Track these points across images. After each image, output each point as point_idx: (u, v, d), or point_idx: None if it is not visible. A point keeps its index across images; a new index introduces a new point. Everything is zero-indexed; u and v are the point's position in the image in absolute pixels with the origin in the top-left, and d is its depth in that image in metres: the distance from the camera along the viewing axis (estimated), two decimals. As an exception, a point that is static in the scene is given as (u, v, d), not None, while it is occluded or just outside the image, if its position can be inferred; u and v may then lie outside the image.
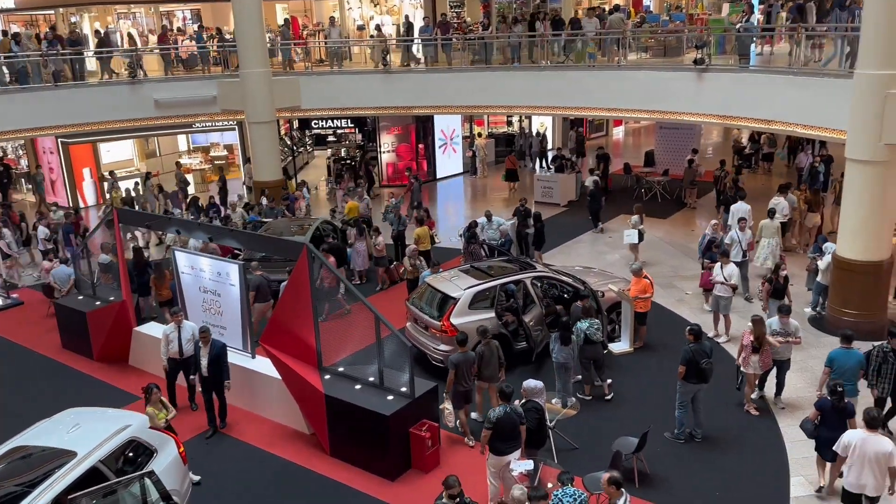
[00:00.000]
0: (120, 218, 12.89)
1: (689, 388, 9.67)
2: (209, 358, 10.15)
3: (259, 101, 19.71)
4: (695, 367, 9.51)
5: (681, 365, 9.56)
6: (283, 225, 16.47)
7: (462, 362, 9.75)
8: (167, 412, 9.24)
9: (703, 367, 9.52)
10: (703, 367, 9.52)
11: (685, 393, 9.73)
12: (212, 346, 10.21)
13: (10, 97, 18.38)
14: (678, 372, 9.60)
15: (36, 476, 7.07)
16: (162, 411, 9.16)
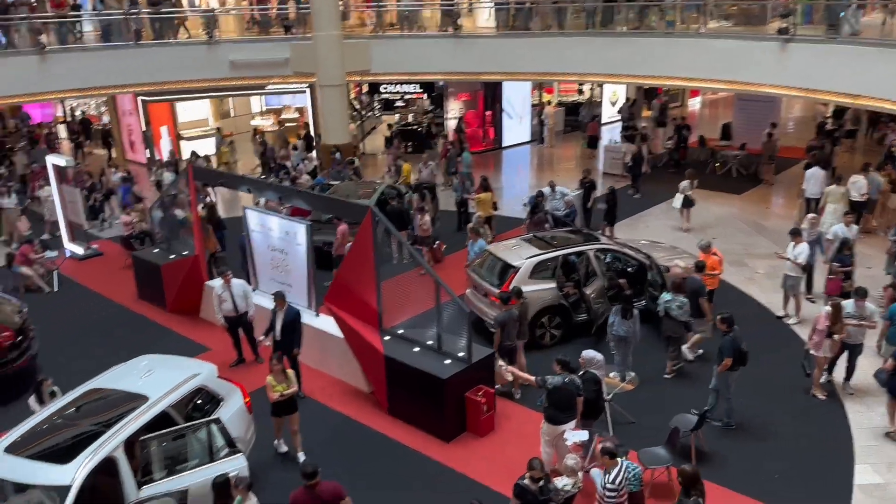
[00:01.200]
0: (195, 175, 13.30)
1: (733, 375, 9.43)
2: (283, 322, 10.24)
3: (330, 64, 19.84)
4: (738, 354, 9.30)
5: (727, 357, 9.23)
6: (349, 188, 16.69)
7: (507, 320, 10.09)
8: (285, 385, 8.78)
9: (745, 352, 9.31)
10: (744, 352, 9.30)
11: (728, 381, 9.47)
12: (287, 310, 10.30)
13: (95, 55, 19.03)
14: (723, 364, 9.28)
15: (110, 417, 7.47)
16: (281, 384, 8.75)
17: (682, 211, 16.80)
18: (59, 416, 7.63)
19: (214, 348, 12.02)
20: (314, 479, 6.78)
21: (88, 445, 6.93)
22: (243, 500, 6.69)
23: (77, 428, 7.43)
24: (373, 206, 10.40)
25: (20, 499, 6.81)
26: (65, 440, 7.25)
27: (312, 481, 6.77)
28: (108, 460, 6.92)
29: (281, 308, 10.27)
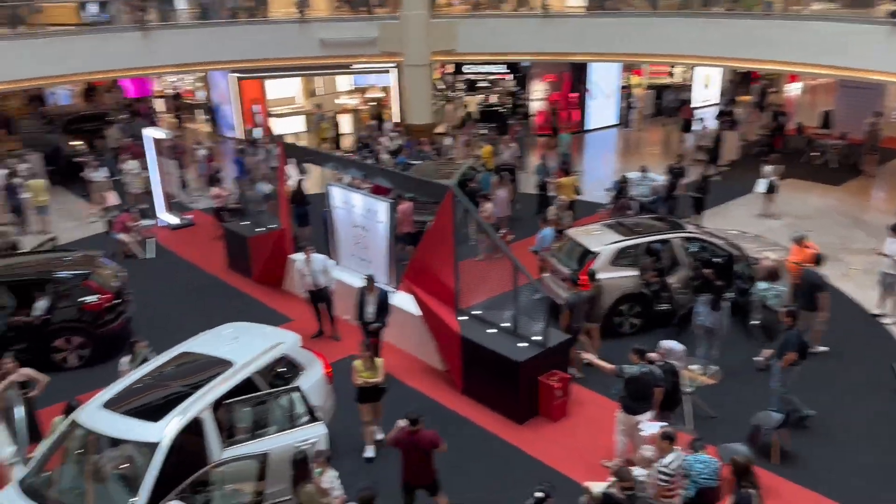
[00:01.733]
0: (285, 151, 13.65)
1: (795, 370, 9.04)
2: (377, 305, 10.35)
3: (416, 43, 19.94)
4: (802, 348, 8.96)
5: (792, 352, 8.85)
6: (430, 167, 16.77)
7: (577, 302, 10.14)
8: (372, 374, 8.66)
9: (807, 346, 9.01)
10: (806, 346, 8.99)
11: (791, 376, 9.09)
12: (378, 294, 10.41)
13: (193, 32, 19.75)
14: (786, 359, 8.88)
15: (198, 380, 7.81)
16: (368, 370, 8.66)
17: (766, 197, 16.41)
18: (152, 377, 8.05)
19: (297, 319, 12.39)
20: (416, 426, 7.23)
21: (178, 405, 7.28)
22: (323, 471, 6.89)
23: (168, 389, 7.81)
24: (454, 185, 10.42)
25: (114, 452, 7.24)
26: (156, 399, 7.63)
27: (415, 427, 7.22)
28: (196, 421, 7.25)
29: (371, 292, 10.34)
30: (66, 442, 7.32)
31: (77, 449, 7.28)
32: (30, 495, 6.86)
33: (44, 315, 10.96)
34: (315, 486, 6.72)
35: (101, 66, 18.77)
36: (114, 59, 18.62)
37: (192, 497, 6.67)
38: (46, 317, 10.96)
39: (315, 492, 6.70)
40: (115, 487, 6.95)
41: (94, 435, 7.20)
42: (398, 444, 7.39)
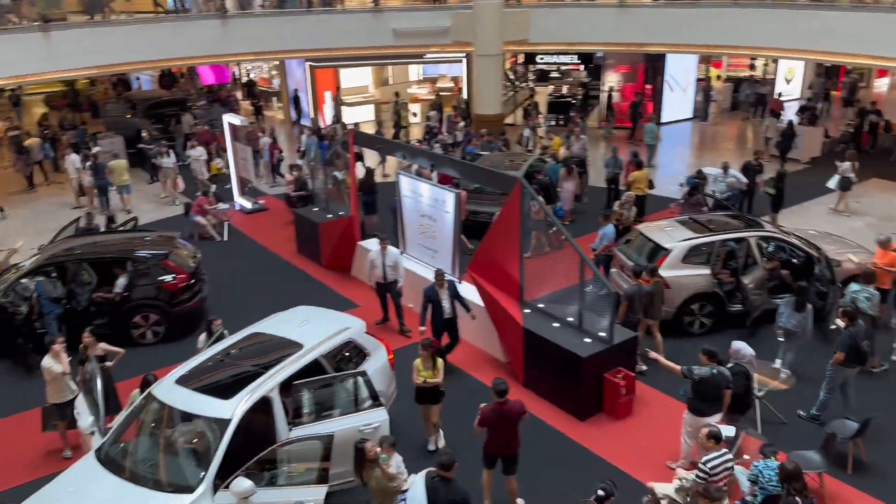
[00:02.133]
0: (355, 139, 13.82)
1: (845, 372, 8.76)
2: (450, 301, 10.24)
3: (488, 33, 19.84)
4: (855, 352, 8.62)
5: (840, 352, 8.60)
6: (498, 158, 16.71)
7: (635, 294, 10.06)
8: (431, 374, 8.44)
9: (865, 350, 8.65)
10: (864, 351, 8.63)
11: (837, 378, 8.85)
12: (448, 286, 10.28)
13: (270, 20, 20.18)
14: (835, 359, 8.66)
15: (268, 360, 8.01)
16: (427, 370, 8.44)
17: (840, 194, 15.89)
18: (224, 356, 8.30)
19: (363, 305, 12.56)
20: (504, 398, 7.31)
21: (248, 384, 7.47)
22: (388, 457, 7.00)
23: (239, 367, 8.04)
24: (521, 177, 10.34)
25: (186, 427, 7.51)
26: (227, 377, 7.86)
27: (503, 399, 7.31)
28: (265, 400, 7.45)
29: (442, 286, 10.20)
30: (142, 414, 7.63)
31: (152, 422, 7.58)
32: (106, 464, 7.18)
33: (124, 292, 11.45)
34: (381, 470, 6.82)
35: (181, 53, 19.39)
36: (193, 47, 19.19)
37: (259, 474, 6.85)
38: (126, 294, 11.45)
39: (382, 475, 6.80)
40: (186, 461, 7.20)
41: (168, 409, 7.48)
42: (486, 421, 7.37)
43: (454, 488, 6.40)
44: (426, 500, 6.34)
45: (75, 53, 17.16)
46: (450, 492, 6.35)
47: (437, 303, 10.13)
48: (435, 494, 6.34)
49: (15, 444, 9.28)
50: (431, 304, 10.16)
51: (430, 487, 6.39)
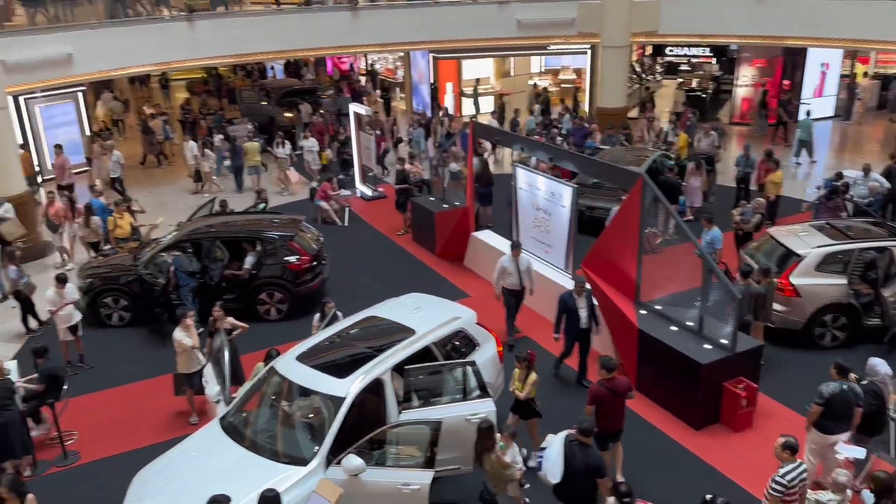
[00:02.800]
0: (474, 130, 13.89)
1: None
2: (588, 310, 9.70)
3: (616, 24, 19.35)
4: None
5: None
6: (619, 153, 16.30)
7: (744, 294, 9.66)
8: (524, 385, 8.10)
9: None
10: None
11: None
12: (587, 296, 9.78)
13: (397, 11, 20.58)
14: None
15: (382, 343, 8.23)
16: (521, 381, 8.16)
17: None
18: (341, 336, 8.60)
19: (474, 295, 12.65)
20: (612, 373, 7.57)
21: (362, 365, 7.71)
22: (506, 447, 7.03)
23: (354, 348, 8.31)
24: (643, 173, 10.04)
25: (303, 402, 7.85)
26: (344, 357, 8.15)
27: (611, 374, 7.56)
28: (377, 382, 7.66)
29: (580, 294, 9.70)
30: (264, 387, 8.04)
31: (272, 394, 7.97)
32: (228, 432, 7.63)
33: (252, 270, 12.09)
34: (497, 457, 6.88)
35: (312, 44, 20.09)
36: (324, 37, 19.85)
37: (369, 453, 7.06)
38: (254, 272, 12.08)
39: (497, 462, 6.86)
40: (302, 434, 7.53)
41: (288, 383, 7.84)
42: (597, 398, 7.53)
43: (591, 454, 6.63)
44: (562, 462, 6.55)
45: (215, 42, 18.19)
46: (587, 457, 6.58)
47: (574, 311, 9.64)
48: (572, 458, 6.57)
49: (148, 406, 10.04)
50: (567, 313, 9.68)
51: (568, 451, 6.60)
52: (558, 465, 6.59)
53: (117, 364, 11.02)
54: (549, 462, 6.66)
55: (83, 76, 17.10)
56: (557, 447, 6.69)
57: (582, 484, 6.61)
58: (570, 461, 6.58)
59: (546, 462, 6.72)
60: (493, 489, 7.02)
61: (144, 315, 11.84)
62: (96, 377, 10.71)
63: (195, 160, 18.59)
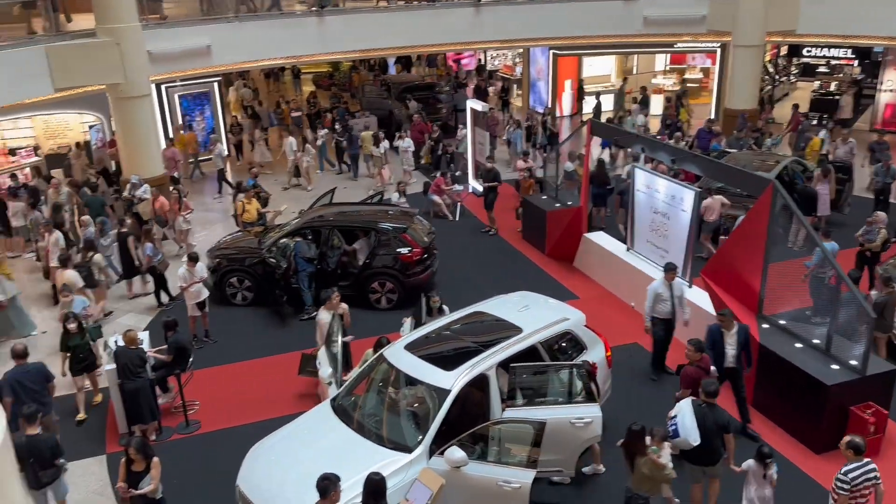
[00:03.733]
0: (592, 130, 13.64)
1: None
2: (737, 347, 8.60)
3: (751, 22, 18.42)
4: None
5: None
6: (746, 157, 15.52)
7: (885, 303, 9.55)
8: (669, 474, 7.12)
9: None
10: None
11: None
12: (738, 330, 8.64)
13: (518, 7, 20.46)
14: None
15: (488, 339, 8.25)
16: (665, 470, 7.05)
17: None
18: (449, 329, 8.69)
19: (583, 297, 12.44)
20: (699, 355, 8.08)
21: (468, 360, 7.76)
22: (659, 449, 6.94)
23: (460, 342, 8.38)
24: (773, 179, 9.51)
25: (410, 390, 8.00)
26: (450, 350, 8.24)
27: (698, 356, 8.08)
28: (482, 377, 7.69)
29: (730, 328, 8.65)
30: (373, 373, 8.25)
31: (380, 381, 8.17)
32: (338, 413, 7.89)
33: (366, 259, 12.44)
34: (653, 461, 6.90)
35: (435, 40, 20.30)
36: (446, 33, 20.03)
37: (471, 447, 7.10)
38: (368, 261, 12.42)
39: (654, 465, 6.89)
40: (406, 422, 7.67)
41: (395, 371, 8.00)
42: (690, 379, 8.00)
43: (719, 412, 7.27)
44: (696, 423, 7.06)
45: (342, 37, 18.79)
46: (717, 416, 7.22)
47: (721, 347, 8.68)
48: (704, 418, 7.12)
49: (265, 382, 10.55)
50: (714, 348, 8.71)
51: (699, 412, 7.15)
52: (695, 427, 7.06)
53: (239, 341, 11.65)
54: (685, 427, 7.08)
55: (220, 67, 18.13)
56: (688, 413, 7.14)
57: (714, 442, 7.19)
58: (702, 422, 7.09)
59: (682, 428, 7.10)
60: (644, 492, 7.06)
61: (265, 296, 12.43)
62: (219, 352, 11.36)
63: (294, 156, 18.95)
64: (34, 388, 8.36)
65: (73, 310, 9.95)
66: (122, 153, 16.42)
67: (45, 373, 8.62)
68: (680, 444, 7.11)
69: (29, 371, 8.51)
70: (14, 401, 8.09)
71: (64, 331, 9.55)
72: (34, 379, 8.46)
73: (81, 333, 9.60)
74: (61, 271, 11.38)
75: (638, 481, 7.05)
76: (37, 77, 14.00)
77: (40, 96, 14.76)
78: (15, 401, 8.09)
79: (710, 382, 7.38)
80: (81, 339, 9.59)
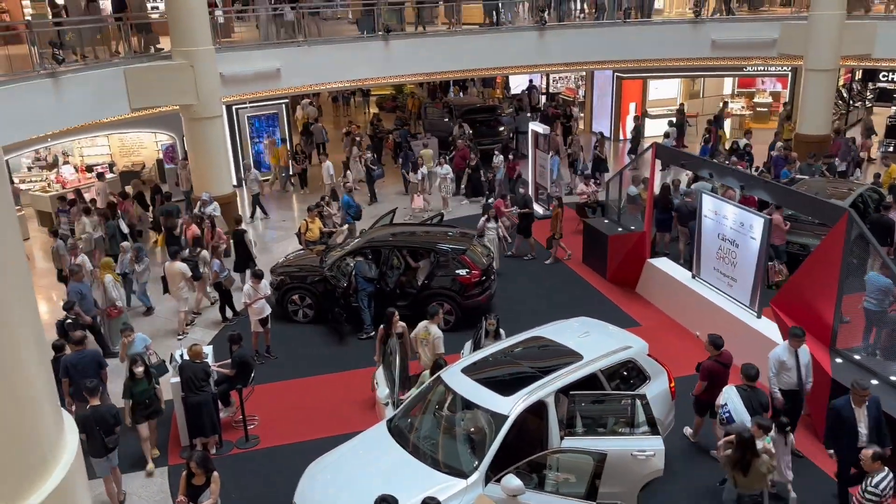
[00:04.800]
0: (657, 154, 13.41)
1: None
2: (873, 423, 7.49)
3: (823, 46, 17.91)
4: None
5: None
6: (819, 184, 14.98)
7: None
8: None
9: None
10: None
11: None
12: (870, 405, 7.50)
13: (584, 32, 20.41)
14: None
15: (547, 365, 8.11)
16: None
17: None
18: (507, 354, 8.60)
19: (645, 325, 12.16)
20: (720, 349, 8.65)
21: (526, 385, 7.65)
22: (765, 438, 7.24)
23: (518, 367, 8.27)
24: (848, 207, 9.14)
25: (466, 415, 7.91)
26: (507, 375, 8.14)
27: (719, 350, 8.66)
28: (540, 403, 7.56)
29: (861, 404, 7.47)
30: (430, 395, 8.21)
31: (437, 403, 8.12)
32: (394, 434, 7.87)
33: (425, 279, 12.46)
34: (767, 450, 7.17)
35: (500, 63, 20.38)
36: (512, 56, 20.11)
37: (528, 475, 6.97)
38: (427, 282, 12.45)
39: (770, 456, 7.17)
40: (463, 447, 7.58)
41: (452, 394, 7.94)
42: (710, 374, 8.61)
43: (760, 393, 8.10)
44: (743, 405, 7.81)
45: (408, 60, 19.08)
46: (759, 396, 8.05)
47: (851, 424, 7.50)
48: (749, 400, 7.91)
49: (324, 400, 10.62)
50: (842, 424, 7.55)
51: (744, 396, 7.92)
52: (745, 410, 7.78)
53: (299, 358, 11.80)
54: (738, 413, 7.80)
55: (289, 90, 18.61)
56: (736, 399, 7.91)
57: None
58: (748, 403, 7.89)
59: (735, 414, 7.81)
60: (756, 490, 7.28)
61: (326, 314, 12.58)
62: (279, 368, 11.53)
63: (331, 179, 18.84)
64: (87, 374, 9.01)
65: (136, 349, 9.59)
66: (193, 171, 16.98)
67: (98, 359, 9.44)
68: (736, 428, 7.50)
69: (84, 356, 9.32)
70: (70, 383, 9.10)
71: (129, 375, 8.93)
72: (88, 364, 9.22)
73: (148, 377, 9.04)
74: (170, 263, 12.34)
75: (754, 481, 7.21)
76: (115, 97, 14.63)
77: (118, 115, 15.40)
78: (71, 383, 9.10)
79: (749, 366, 8.11)
80: (148, 383, 9.02)
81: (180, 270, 12.23)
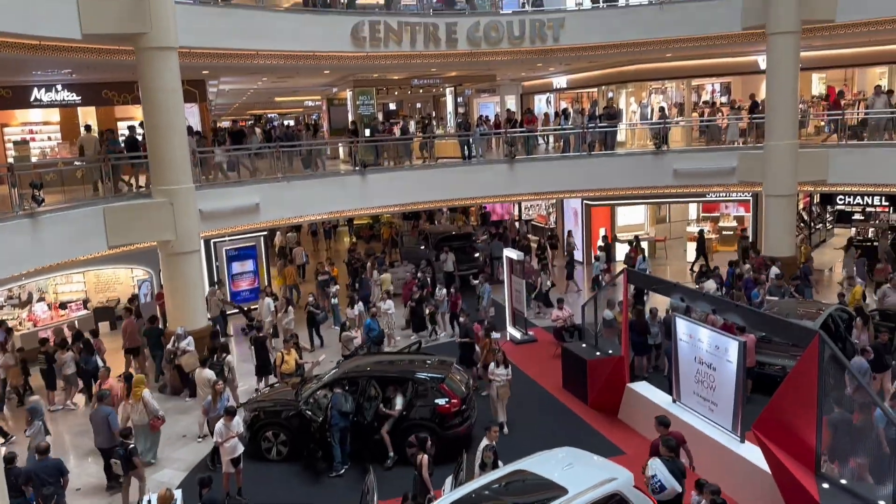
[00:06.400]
0: (629, 278, 13.69)
1: None
2: None
3: (780, 173, 18.86)
4: None
5: None
6: (789, 305, 15.27)
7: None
8: None
9: None
10: None
11: None
12: None
13: (552, 164, 21.34)
14: None
15: (532, 501, 7.89)
16: None
17: None
18: (488, 489, 8.33)
19: (629, 453, 11.90)
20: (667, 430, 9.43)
21: (510, 524, 7.38)
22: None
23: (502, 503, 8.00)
24: (819, 329, 9.30)
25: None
26: (491, 512, 7.86)
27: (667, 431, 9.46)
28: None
29: None
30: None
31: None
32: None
33: (402, 411, 12.20)
34: None
35: (471, 194, 21.21)
36: (482, 187, 20.92)
37: None
38: (404, 413, 12.18)
39: None
40: None
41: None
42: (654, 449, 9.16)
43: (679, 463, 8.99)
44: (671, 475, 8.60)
45: (383, 193, 19.72)
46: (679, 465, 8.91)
47: None
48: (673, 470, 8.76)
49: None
50: None
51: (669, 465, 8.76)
52: (673, 478, 8.48)
53: (272, 500, 11.27)
54: (668, 480, 8.51)
55: (267, 223, 18.94)
56: (662, 468, 8.63)
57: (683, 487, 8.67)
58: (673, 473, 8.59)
59: (665, 482, 8.51)
60: None
61: (301, 450, 12.17)
62: (251, 511, 10.99)
63: (272, 316, 18.35)
64: (49, 480, 9.97)
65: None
66: (168, 306, 16.87)
67: (60, 468, 10.24)
68: (668, 495, 8.17)
69: (47, 465, 10.14)
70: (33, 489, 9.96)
71: None
72: (50, 472, 10.09)
73: None
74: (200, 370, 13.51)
75: None
76: (94, 235, 14.73)
77: (95, 253, 15.45)
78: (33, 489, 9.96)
79: (669, 439, 8.99)
80: None
81: (207, 378, 13.11)
